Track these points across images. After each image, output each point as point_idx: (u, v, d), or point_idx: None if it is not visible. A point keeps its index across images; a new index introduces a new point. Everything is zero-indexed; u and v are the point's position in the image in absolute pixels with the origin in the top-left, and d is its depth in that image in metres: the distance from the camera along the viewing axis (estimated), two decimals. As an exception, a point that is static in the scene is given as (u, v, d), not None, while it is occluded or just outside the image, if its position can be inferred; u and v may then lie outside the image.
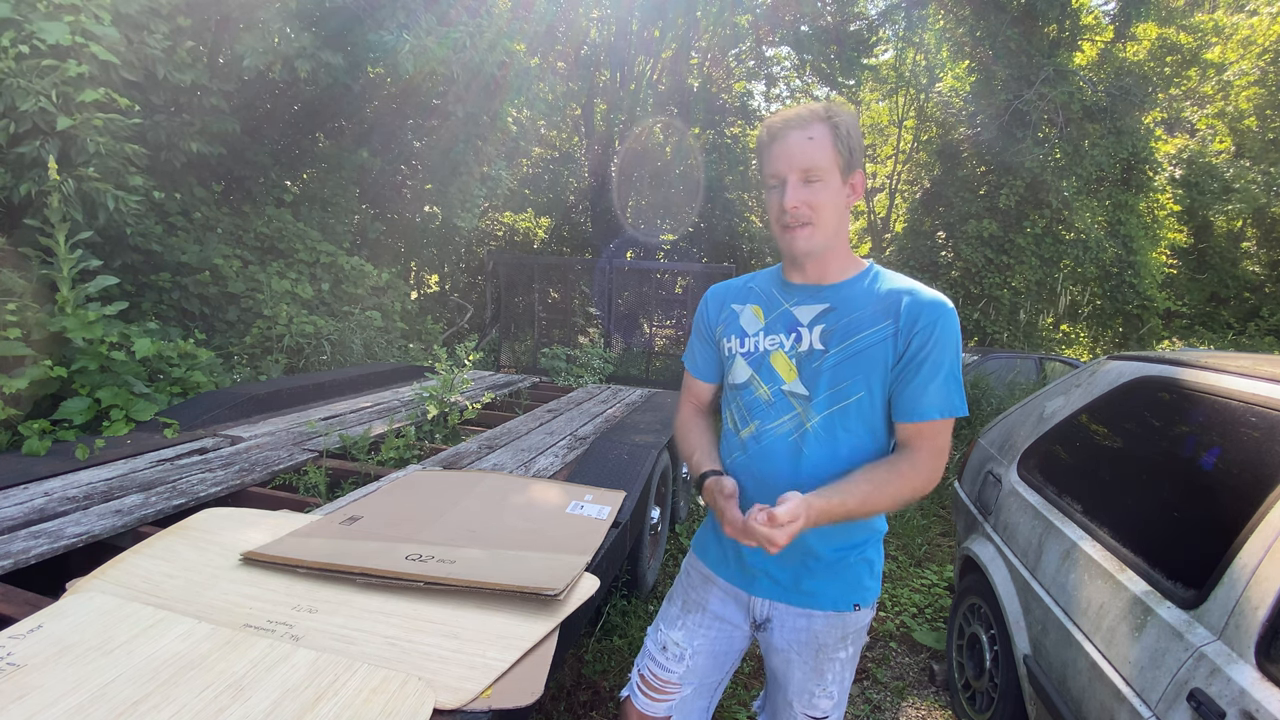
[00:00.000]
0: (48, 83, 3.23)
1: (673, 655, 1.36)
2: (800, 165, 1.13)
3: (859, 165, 1.17)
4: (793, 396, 1.20)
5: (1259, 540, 1.32)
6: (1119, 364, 2.26)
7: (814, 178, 1.13)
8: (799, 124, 1.15)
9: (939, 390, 1.12)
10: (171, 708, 1.04)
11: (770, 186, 1.18)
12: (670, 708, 1.36)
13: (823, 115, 1.15)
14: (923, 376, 1.12)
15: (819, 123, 1.14)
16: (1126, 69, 11.19)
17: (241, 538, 1.66)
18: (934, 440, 1.14)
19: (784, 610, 1.27)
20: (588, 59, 11.18)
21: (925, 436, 1.14)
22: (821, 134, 1.13)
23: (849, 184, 1.17)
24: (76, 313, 3.03)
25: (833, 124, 1.14)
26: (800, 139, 1.14)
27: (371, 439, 2.81)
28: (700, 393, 1.44)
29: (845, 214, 1.20)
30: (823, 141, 1.13)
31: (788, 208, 1.15)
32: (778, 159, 1.16)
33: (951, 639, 2.61)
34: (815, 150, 1.13)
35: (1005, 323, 10.83)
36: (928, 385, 1.12)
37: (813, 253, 1.19)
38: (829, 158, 1.13)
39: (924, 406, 1.13)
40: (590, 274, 9.92)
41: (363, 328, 5.72)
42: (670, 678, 1.36)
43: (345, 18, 5.20)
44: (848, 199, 1.18)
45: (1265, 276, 14.14)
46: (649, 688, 1.37)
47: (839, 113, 1.16)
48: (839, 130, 1.14)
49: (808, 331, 1.20)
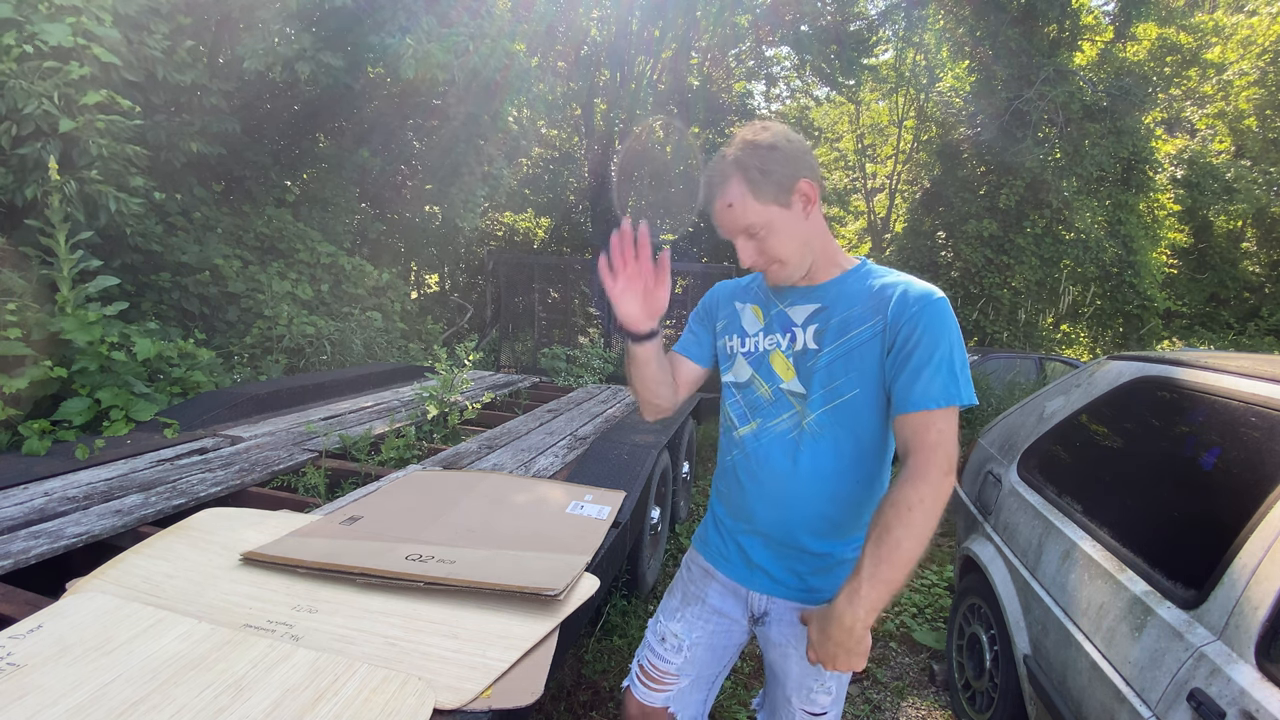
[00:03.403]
0: (50, 85, 3.23)
1: (671, 646, 1.38)
2: (736, 231, 1.15)
3: (797, 176, 1.12)
4: (791, 395, 1.21)
5: (1259, 540, 1.32)
6: (1119, 364, 2.26)
7: (754, 232, 1.14)
8: (716, 190, 1.14)
9: (932, 378, 1.05)
10: (171, 708, 1.04)
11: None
12: (668, 698, 1.38)
13: (731, 168, 1.12)
14: (913, 365, 1.07)
15: (730, 180, 1.12)
16: (1126, 69, 11.20)
17: (241, 538, 1.66)
18: (926, 433, 1.05)
19: (782, 605, 1.28)
20: (588, 59, 11.19)
21: (918, 430, 1.05)
22: (738, 193, 1.12)
23: (795, 201, 1.13)
24: (77, 313, 3.03)
25: (742, 171, 1.11)
26: (722, 208, 1.14)
27: (371, 439, 2.81)
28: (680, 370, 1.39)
29: (808, 225, 1.16)
30: (741, 200, 1.12)
31: (745, 266, 1.19)
32: (718, 226, 1.18)
33: (951, 639, 2.61)
34: (739, 213, 1.13)
35: (1005, 323, 10.84)
36: (919, 373, 1.06)
37: (792, 278, 1.21)
38: (755, 209, 1.12)
39: (916, 395, 1.05)
40: (590, 274, 9.91)
41: (363, 328, 5.72)
42: (669, 669, 1.37)
43: (345, 19, 5.19)
44: (804, 212, 1.15)
45: (1265, 276, 14.15)
46: (648, 678, 1.39)
47: (747, 153, 1.11)
48: (750, 175, 1.10)
49: (802, 331, 1.21)
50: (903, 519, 1.00)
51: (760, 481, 1.24)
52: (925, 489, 1.02)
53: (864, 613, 1.00)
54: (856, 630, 1.01)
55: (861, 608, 1.00)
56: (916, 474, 1.03)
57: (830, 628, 1.03)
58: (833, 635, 1.02)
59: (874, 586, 1.00)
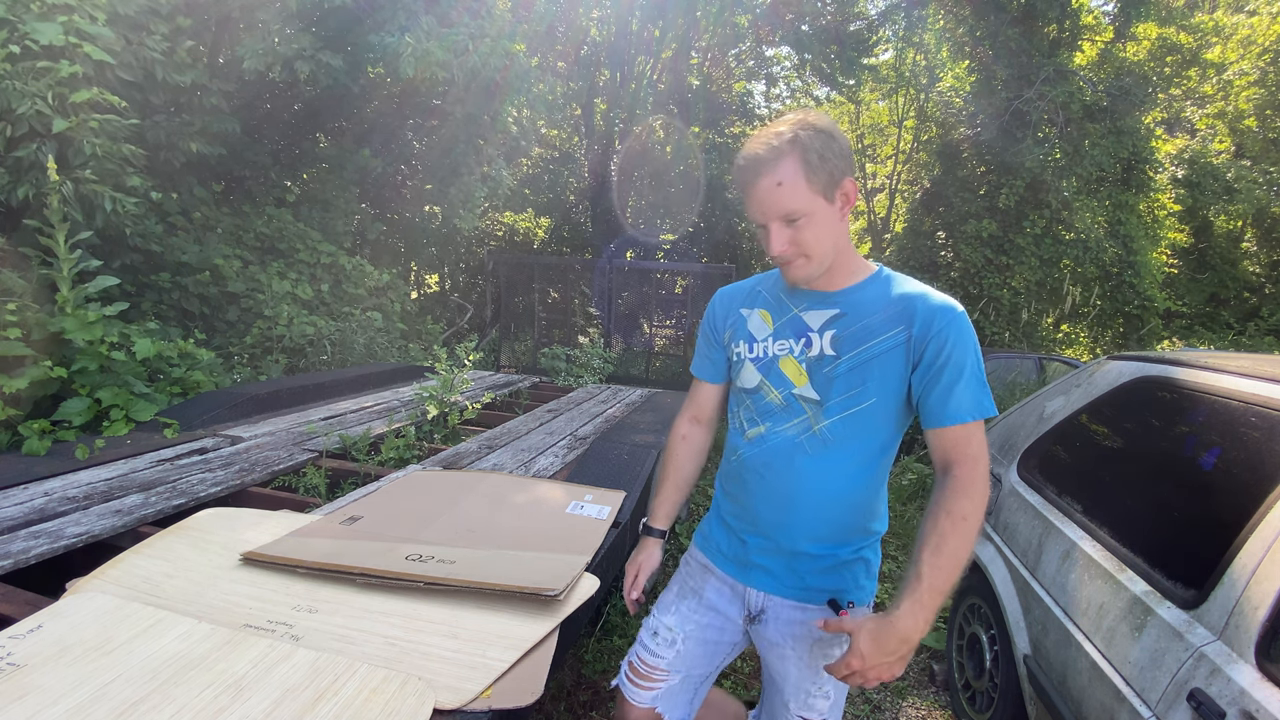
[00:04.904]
0: (43, 84, 3.22)
1: (664, 640, 1.37)
2: (776, 214, 1.09)
3: (845, 174, 1.10)
4: (804, 400, 1.20)
5: (1259, 540, 1.32)
6: (1119, 364, 2.26)
7: (795, 217, 1.09)
8: (766, 167, 1.07)
9: (965, 392, 1.08)
10: (171, 708, 1.04)
11: (756, 224, 1.15)
12: (655, 697, 1.36)
13: (789, 146, 1.06)
14: (945, 380, 1.09)
15: (786, 158, 1.06)
16: (1126, 69, 11.18)
17: (241, 538, 1.66)
18: (968, 446, 1.09)
19: (778, 603, 1.28)
20: (588, 59, 11.19)
21: (959, 443, 1.09)
22: (791, 172, 1.06)
23: (838, 198, 1.11)
24: (76, 313, 3.03)
25: (801, 151, 1.06)
26: (769, 186, 1.07)
27: (371, 439, 2.81)
28: (703, 400, 1.45)
29: (841, 228, 1.14)
30: (793, 181, 1.06)
31: (774, 254, 1.13)
32: (753, 206, 1.12)
33: (951, 639, 2.61)
34: (787, 195, 1.07)
35: (1005, 323, 10.83)
36: (953, 388, 1.09)
37: (811, 278, 1.18)
38: (804, 194, 1.07)
39: (952, 409, 1.09)
40: (590, 274, 9.92)
41: (363, 328, 5.72)
42: (659, 663, 1.36)
43: (345, 19, 5.20)
44: (841, 212, 1.12)
45: (1265, 276, 14.14)
46: (636, 675, 1.38)
47: (807, 134, 1.07)
48: (809, 157, 1.06)
49: (818, 337, 1.19)
50: (958, 529, 1.04)
51: (766, 484, 1.24)
52: (977, 499, 1.07)
53: (924, 623, 1.01)
54: (913, 640, 1.01)
55: (922, 618, 1.01)
56: (967, 485, 1.07)
57: (887, 639, 1.01)
58: (887, 645, 1.01)
59: (934, 596, 1.02)
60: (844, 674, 1.06)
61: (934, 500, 1.09)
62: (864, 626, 1.05)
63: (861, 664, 1.03)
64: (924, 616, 1.01)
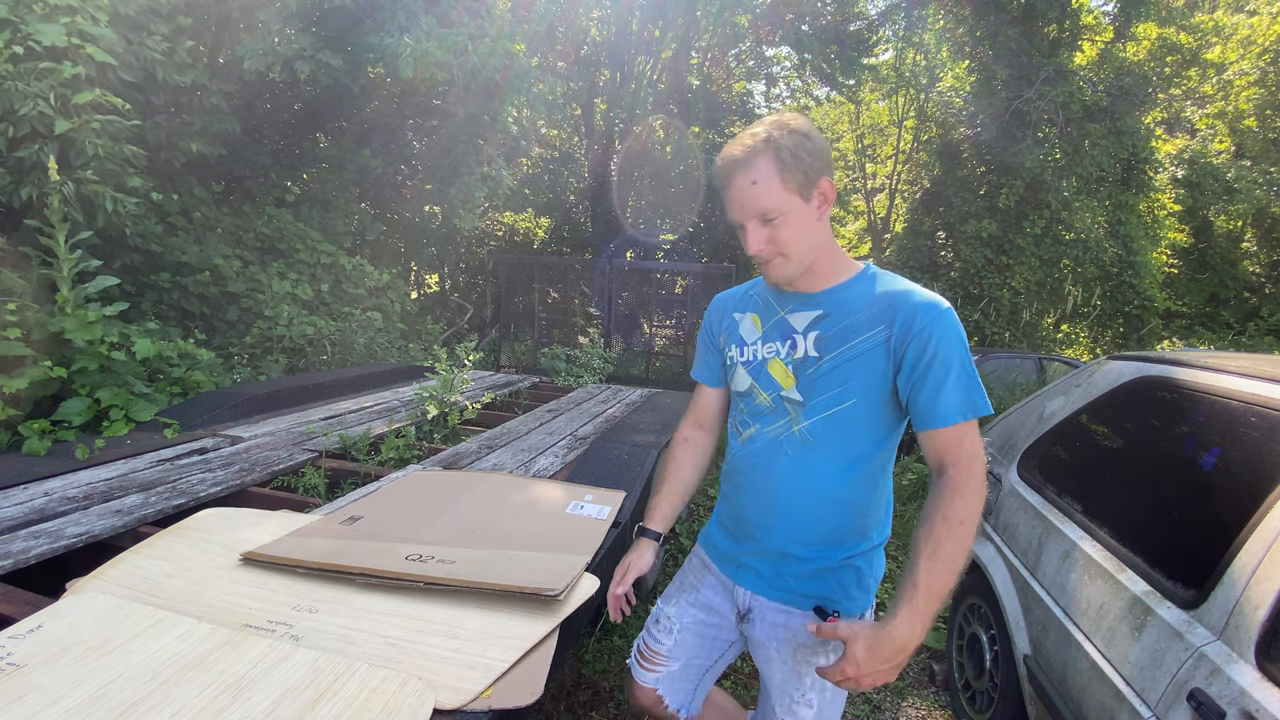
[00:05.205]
0: (45, 85, 3.23)
1: (664, 628, 1.42)
2: (752, 212, 1.10)
3: (822, 173, 1.10)
4: (789, 402, 1.20)
5: (1259, 540, 1.32)
6: (1119, 364, 2.25)
7: (770, 217, 1.10)
8: (741, 166, 1.09)
9: (953, 392, 1.06)
10: (171, 708, 1.04)
11: (735, 224, 1.16)
12: (659, 680, 1.41)
13: (763, 146, 1.07)
14: (933, 380, 1.06)
15: (760, 157, 1.07)
16: (1126, 69, 11.19)
17: (241, 538, 1.66)
18: (960, 447, 1.06)
19: (764, 604, 1.28)
20: (588, 59, 11.20)
21: (952, 445, 1.07)
22: (765, 171, 1.07)
23: (815, 197, 1.11)
24: (76, 313, 3.03)
25: (775, 150, 1.07)
26: (744, 185, 1.09)
27: (371, 439, 2.81)
28: (705, 404, 1.46)
29: (820, 226, 1.14)
30: (768, 180, 1.07)
31: (752, 253, 1.14)
32: (731, 206, 1.13)
33: (951, 639, 2.61)
34: (762, 194, 1.08)
35: (1006, 323, 10.84)
36: (941, 388, 1.06)
37: (791, 278, 1.18)
38: (779, 194, 1.08)
39: (941, 410, 1.06)
40: (590, 274, 9.93)
41: (363, 328, 5.72)
42: (660, 649, 1.41)
43: (345, 19, 5.20)
44: (818, 211, 1.13)
45: (1265, 276, 14.14)
46: (642, 657, 1.44)
47: (782, 134, 1.08)
48: (783, 155, 1.07)
49: (803, 339, 1.19)
50: (955, 534, 1.02)
51: (755, 484, 1.25)
52: (973, 502, 1.04)
53: (920, 630, 1.00)
54: (910, 648, 1.00)
55: (919, 625, 1.00)
56: (961, 488, 1.05)
57: (883, 647, 1.00)
58: (883, 654, 1.00)
59: (930, 603, 1.00)
60: (838, 680, 1.05)
61: (929, 504, 1.08)
62: (859, 634, 1.03)
63: (856, 671, 1.02)
64: (921, 624, 1.00)
